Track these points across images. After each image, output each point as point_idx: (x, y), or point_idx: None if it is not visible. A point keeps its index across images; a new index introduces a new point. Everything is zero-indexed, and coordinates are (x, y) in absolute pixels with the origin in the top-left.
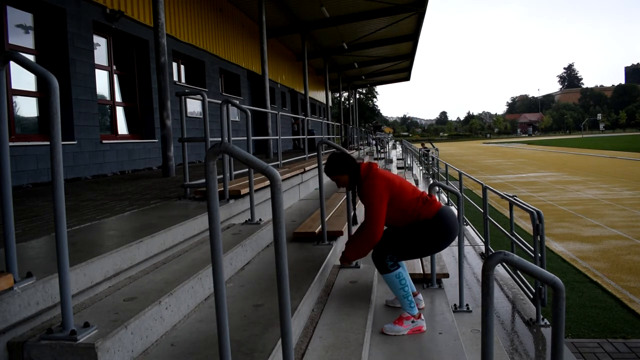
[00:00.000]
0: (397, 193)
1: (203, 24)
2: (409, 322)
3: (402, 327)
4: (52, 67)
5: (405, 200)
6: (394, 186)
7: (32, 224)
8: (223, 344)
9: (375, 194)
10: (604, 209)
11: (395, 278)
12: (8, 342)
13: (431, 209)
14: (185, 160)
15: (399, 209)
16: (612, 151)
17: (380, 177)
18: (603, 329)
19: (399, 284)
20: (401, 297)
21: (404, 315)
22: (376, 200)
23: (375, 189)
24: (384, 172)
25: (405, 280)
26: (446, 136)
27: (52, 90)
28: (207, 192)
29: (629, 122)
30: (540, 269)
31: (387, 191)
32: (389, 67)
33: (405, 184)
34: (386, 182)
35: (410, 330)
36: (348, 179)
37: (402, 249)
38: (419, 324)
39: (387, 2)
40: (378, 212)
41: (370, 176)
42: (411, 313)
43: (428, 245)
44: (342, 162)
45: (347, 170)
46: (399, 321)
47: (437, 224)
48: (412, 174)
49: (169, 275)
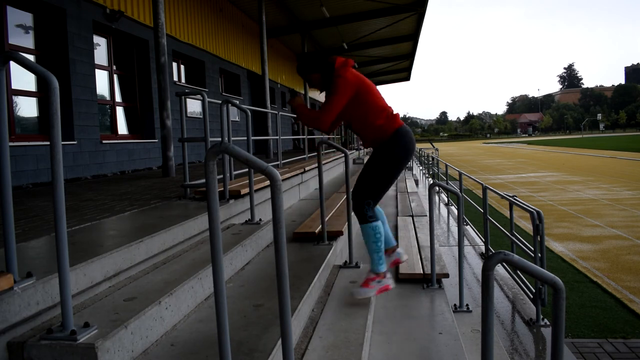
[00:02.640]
0: (364, 92)
1: (203, 24)
2: (374, 282)
3: (369, 289)
4: (52, 67)
5: (370, 103)
6: (364, 85)
7: (32, 224)
8: (223, 344)
9: (339, 84)
10: (604, 209)
11: (372, 230)
12: (8, 342)
13: (392, 125)
14: (185, 160)
15: (362, 111)
16: (612, 151)
17: (351, 72)
18: (603, 329)
19: (374, 237)
20: (372, 251)
21: (370, 276)
22: (338, 90)
23: (341, 79)
24: (358, 72)
25: (380, 234)
26: (446, 136)
27: (52, 90)
28: (207, 192)
29: (629, 122)
30: (540, 269)
31: (353, 86)
32: (389, 67)
33: (376, 91)
34: (356, 78)
35: (378, 290)
36: (320, 77)
37: (373, 187)
38: (385, 283)
39: (387, 2)
40: (334, 102)
41: (341, 68)
42: (377, 270)
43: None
44: (313, 59)
45: (318, 67)
46: (365, 283)
47: (394, 142)
48: (412, 174)
49: (169, 275)
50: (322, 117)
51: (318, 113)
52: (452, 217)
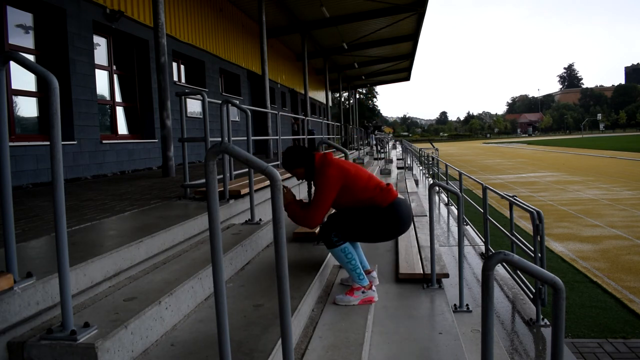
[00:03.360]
0: (351, 181)
1: (203, 24)
2: (359, 292)
3: (353, 297)
4: (52, 67)
5: (359, 188)
6: (348, 175)
7: (32, 224)
8: (223, 344)
9: (325, 183)
10: (604, 209)
11: (341, 252)
12: (8, 342)
13: (386, 198)
14: (185, 160)
15: (353, 197)
16: (612, 151)
17: (334, 166)
18: (603, 329)
19: (345, 258)
20: (349, 270)
21: (355, 286)
22: (325, 189)
23: (326, 177)
24: (339, 161)
25: (351, 254)
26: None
27: (52, 90)
28: (207, 192)
29: (629, 122)
30: (540, 269)
31: (339, 181)
32: (389, 67)
33: (361, 173)
34: (339, 171)
35: (361, 300)
36: (304, 172)
37: (349, 231)
38: (370, 295)
39: (387, 2)
40: (324, 201)
41: (324, 164)
42: (361, 284)
43: (376, 232)
44: (296, 156)
45: (302, 162)
46: (350, 292)
47: (388, 213)
48: (412, 174)
49: (169, 275)
50: (314, 216)
51: (308, 213)
52: (452, 217)
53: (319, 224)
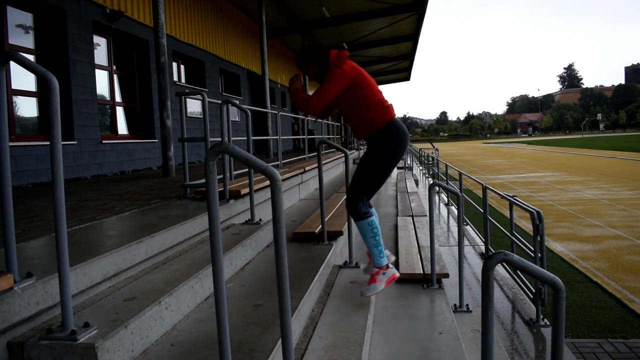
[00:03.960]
0: (360, 83)
1: (203, 24)
2: (380, 275)
3: (377, 283)
4: (52, 67)
5: (366, 95)
6: (360, 76)
7: (32, 224)
8: (223, 344)
9: (334, 73)
10: (604, 209)
11: (368, 225)
12: (8, 342)
13: (384, 116)
14: (185, 160)
15: (356, 102)
16: (612, 151)
17: (348, 64)
18: (603, 329)
19: (371, 232)
20: (371, 246)
21: (373, 271)
22: (333, 80)
23: (337, 69)
24: (353, 63)
25: (377, 228)
26: (446, 136)
27: (52, 90)
28: (207, 192)
29: (629, 122)
30: (540, 269)
31: (348, 77)
32: (389, 67)
33: (371, 82)
34: (352, 68)
35: (386, 281)
36: (317, 69)
37: (366, 180)
38: (390, 273)
39: (387, 2)
40: (328, 90)
41: (339, 60)
42: (380, 264)
43: (385, 162)
44: (311, 53)
45: (316, 60)
46: (372, 280)
47: (387, 134)
48: (412, 174)
49: (169, 275)
50: (314, 101)
51: (310, 97)
52: (452, 217)
53: (317, 111)
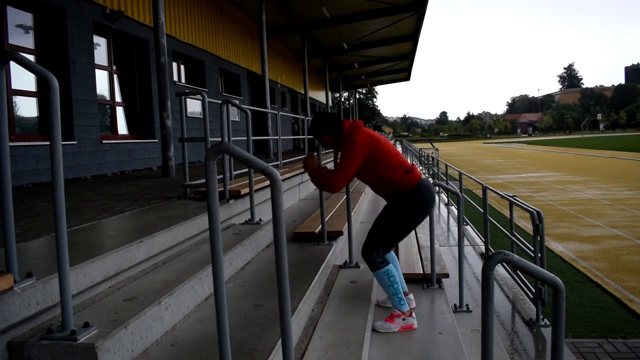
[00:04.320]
0: (378, 152)
1: (203, 24)
2: (399, 319)
3: (393, 325)
4: (52, 67)
5: (386, 162)
6: (377, 145)
7: (32, 224)
8: (223, 344)
9: (352, 148)
10: (604, 209)
11: (384, 275)
12: (8, 342)
13: (412, 179)
14: (185, 160)
15: (378, 170)
16: (612, 151)
17: (363, 133)
18: (603, 329)
19: (388, 281)
20: (391, 294)
21: (395, 312)
22: (352, 154)
23: (354, 143)
24: (368, 130)
25: (394, 277)
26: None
27: (52, 90)
28: (207, 192)
29: (629, 122)
30: (540, 269)
31: (366, 148)
32: (389, 67)
33: (389, 147)
34: (368, 138)
35: (401, 327)
36: (332, 139)
37: (386, 236)
38: (410, 322)
39: (387, 2)
40: (348, 166)
41: (353, 132)
42: (401, 310)
43: (409, 222)
44: (325, 121)
45: (330, 129)
46: (390, 319)
47: (415, 197)
48: None
49: (169, 275)
50: (336, 180)
51: (331, 176)
52: (452, 217)
53: (340, 188)
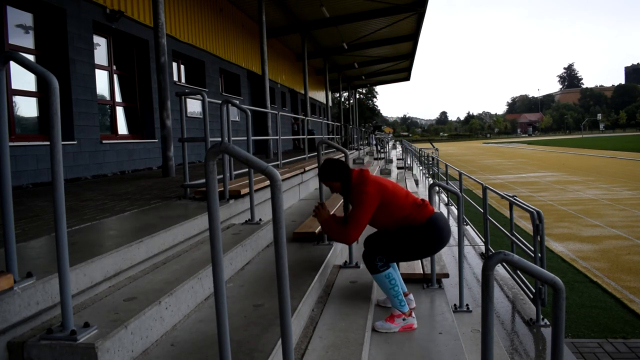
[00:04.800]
0: (389, 199)
1: (203, 24)
2: (400, 319)
3: (393, 325)
4: (52, 67)
5: (397, 205)
6: (386, 192)
7: (32, 224)
8: (223, 344)
9: (363, 200)
10: (604, 209)
11: (385, 278)
12: (8, 342)
13: (423, 214)
14: (185, 160)
15: (391, 214)
16: (612, 151)
17: (371, 183)
18: (603, 329)
19: (389, 284)
20: (391, 297)
21: (395, 312)
22: (363, 207)
23: (364, 195)
24: (375, 178)
25: (395, 280)
26: (446, 136)
27: (52, 90)
28: (207, 192)
29: (629, 122)
30: (540, 269)
31: (377, 198)
32: (389, 67)
33: (398, 190)
34: (377, 187)
35: (401, 327)
36: (340, 186)
37: (392, 252)
38: (410, 322)
39: (387, 2)
40: (361, 218)
41: (361, 182)
42: (402, 311)
43: (418, 250)
44: (334, 169)
45: (339, 177)
46: (390, 319)
47: (428, 230)
48: (412, 173)
49: (169, 275)
50: (351, 234)
51: (346, 230)
52: (452, 217)
53: (354, 241)
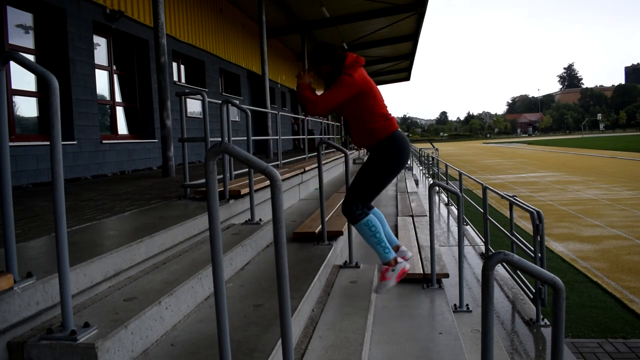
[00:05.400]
0: (367, 93)
1: (203, 24)
2: (390, 272)
3: (388, 280)
4: (52, 67)
5: (370, 105)
6: (367, 86)
7: (32, 224)
8: (223, 344)
9: (345, 80)
10: (604, 209)
11: (365, 226)
12: (8, 342)
13: (388, 126)
14: (185, 160)
15: (360, 110)
16: (612, 151)
17: (360, 72)
18: (603, 329)
19: (369, 231)
20: (374, 245)
21: (383, 268)
22: (343, 86)
23: (348, 77)
24: (364, 72)
25: (375, 227)
26: (446, 136)
27: (52, 90)
28: (207, 192)
29: (629, 122)
30: (540, 269)
31: (357, 87)
32: (389, 67)
33: (378, 94)
34: (363, 80)
35: (397, 277)
36: (329, 70)
37: (362, 189)
38: (400, 268)
39: (387, 2)
40: (336, 94)
41: (352, 66)
42: (388, 258)
43: (385, 171)
44: (325, 51)
45: (329, 59)
46: (382, 277)
47: (389, 144)
48: (412, 173)
49: (169, 275)
50: (319, 103)
51: (316, 98)
52: (452, 217)
53: (320, 112)
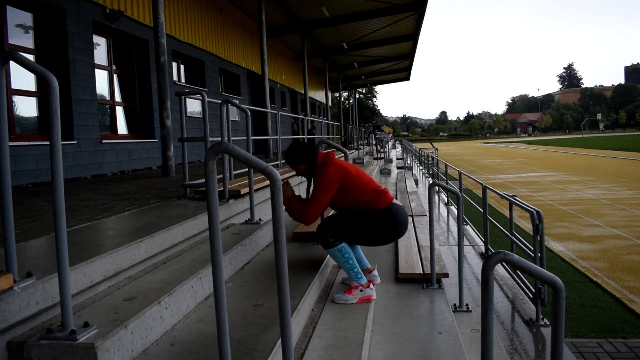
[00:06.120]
0: (351, 182)
1: (203, 24)
2: (357, 291)
3: (351, 296)
4: (52, 67)
5: (358, 190)
6: (349, 175)
7: (32, 224)
8: (223, 344)
9: (324, 181)
10: (604, 209)
11: (338, 252)
12: (8, 342)
13: (383, 201)
14: (185, 160)
15: (350, 199)
16: (612, 151)
17: (334, 165)
18: (603, 329)
19: (342, 258)
20: (347, 270)
21: (353, 284)
22: (324, 188)
23: (325, 176)
24: (340, 162)
25: (348, 254)
26: (446, 136)
27: (52, 90)
28: (207, 192)
29: (629, 122)
30: (540, 269)
31: (338, 180)
32: (389, 67)
33: (361, 175)
34: (339, 170)
35: (360, 299)
36: (306, 169)
37: (345, 233)
38: (368, 293)
39: (387, 2)
40: (321, 199)
41: (325, 164)
42: (359, 283)
43: (372, 236)
44: (301, 152)
45: (305, 159)
46: (349, 291)
47: (384, 217)
48: (412, 174)
49: (169, 275)
50: (310, 213)
51: (305, 209)
52: (452, 217)
53: (314, 222)
